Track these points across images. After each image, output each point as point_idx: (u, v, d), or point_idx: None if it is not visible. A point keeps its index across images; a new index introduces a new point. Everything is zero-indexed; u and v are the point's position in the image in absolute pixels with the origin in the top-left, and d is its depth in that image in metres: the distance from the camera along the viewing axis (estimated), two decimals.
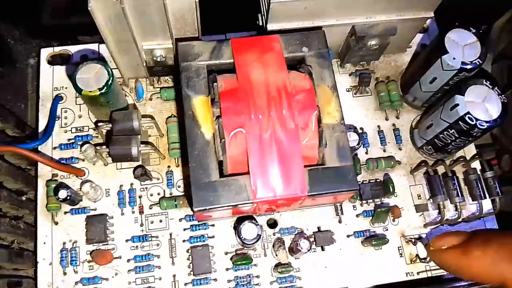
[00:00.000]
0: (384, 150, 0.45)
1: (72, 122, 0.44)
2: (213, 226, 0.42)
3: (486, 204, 0.43)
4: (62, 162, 0.43)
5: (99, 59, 0.44)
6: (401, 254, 0.42)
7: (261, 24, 0.43)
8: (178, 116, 0.44)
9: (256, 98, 0.36)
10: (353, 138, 0.43)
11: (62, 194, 0.39)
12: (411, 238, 0.43)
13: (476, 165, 0.45)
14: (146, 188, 0.43)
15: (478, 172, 0.44)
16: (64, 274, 0.40)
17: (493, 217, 0.44)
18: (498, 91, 0.39)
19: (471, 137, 0.39)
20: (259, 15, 0.43)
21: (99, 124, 0.41)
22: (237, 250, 0.41)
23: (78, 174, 0.42)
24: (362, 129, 0.46)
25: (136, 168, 0.42)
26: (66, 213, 0.41)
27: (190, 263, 0.41)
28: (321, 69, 0.39)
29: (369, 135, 0.46)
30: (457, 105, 0.38)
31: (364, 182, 0.44)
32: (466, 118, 0.38)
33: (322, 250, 0.42)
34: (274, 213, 0.42)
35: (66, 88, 0.45)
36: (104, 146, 0.40)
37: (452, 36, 0.40)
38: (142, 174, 0.41)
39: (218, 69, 0.38)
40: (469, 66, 0.39)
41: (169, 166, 0.43)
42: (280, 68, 0.37)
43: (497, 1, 0.56)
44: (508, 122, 0.39)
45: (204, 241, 0.41)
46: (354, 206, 0.43)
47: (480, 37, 0.40)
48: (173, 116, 0.44)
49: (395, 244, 0.43)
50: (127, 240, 0.41)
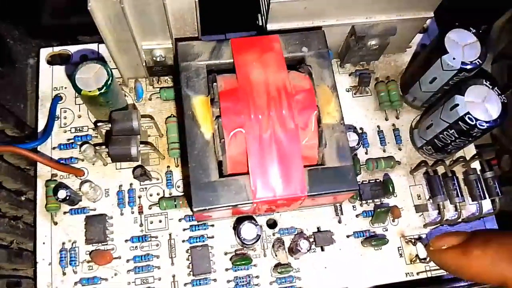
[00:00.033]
0: (384, 150, 0.45)
1: (71, 122, 0.44)
2: (212, 226, 0.42)
3: (486, 204, 0.43)
4: (61, 162, 0.43)
5: (99, 59, 0.44)
6: (400, 254, 0.42)
7: (261, 24, 0.43)
8: (178, 116, 0.44)
9: (256, 98, 0.36)
10: (352, 138, 0.43)
11: (62, 194, 0.39)
12: (411, 239, 0.43)
13: (476, 165, 0.45)
14: (145, 188, 0.43)
15: (478, 172, 0.44)
16: (63, 274, 0.40)
17: (493, 217, 0.44)
18: (498, 91, 0.39)
19: (471, 137, 0.39)
20: (259, 15, 0.43)
21: (99, 124, 0.41)
22: (236, 251, 0.41)
23: (77, 174, 0.42)
24: (362, 129, 0.46)
25: (135, 168, 0.42)
26: (65, 213, 0.41)
27: (190, 264, 0.41)
28: (321, 69, 0.38)
29: (369, 135, 0.45)
30: (457, 105, 0.38)
31: (363, 182, 0.44)
32: (466, 118, 0.38)
33: (322, 250, 0.42)
34: (274, 213, 0.42)
35: (66, 88, 0.45)
36: (103, 146, 0.40)
37: (452, 36, 0.40)
38: (141, 174, 0.41)
39: (218, 69, 0.38)
40: (469, 66, 0.39)
41: (168, 166, 0.43)
42: (280, 68, 0.37)
43: (497, 1, 0.55)
44: (508, 122, 0.39)
45: (203, 241, 0.41)
46: (353, 206, 0.43)
47: (480, 37, 0.40)
48: (172, 116, 0.44)
49: (395, 244, 0.43)
50: (127, 240, 0.41)
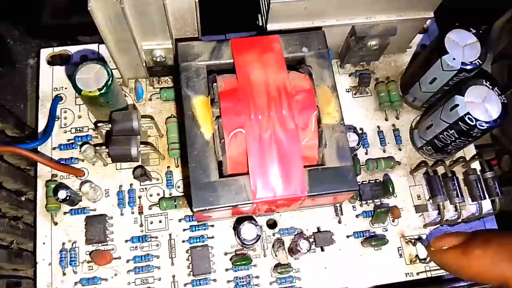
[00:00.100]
0: (384, 151, 0.45)
1: (71, 123, 0.44)
2: (212, 226, 0.42)
3: (486, 204, 0.43)
4: (61, 162, 0.43)
5: (99, 59, 0.44)
6: (400, 254, 0.42)
7: (261, 24, 0.43)
8: (178, 116, 0.44)
9: (256, 98, 0.36)
10: (352, 138, 0.43)
11: (62, 194, 0.39)
12: (411, 239, 0.43)
13: (476, 165, 0.45)
14: (145, 188, 0.43)
15: (478, 172, 0.44)
16: (63, 274, 0.40)
17: (492, 217, 0.44)
18: (498, 92, 0.39)
19: (471, 137, 0.39)
20: (259, 15, 0.43)
21: (99, 124, 0.41)
22: (236, 251, 0.41)
23: (77, 174, 0.42)
24: (362, 129, 0.46)
25: (135, 168, 0.42)
26: (65, 213, 0.41)
27: (190, 264, 0.41)
28: (321, 69, 0.38)
29: (368, 136, 0.45)
30: (457, 105, 0.38)
31: (363, 183, 0.44)
32: (466, 119, 0.38)
33: (322, 250, 0.42)
34: (274, 213, 0.42)
35: (66, 88, 0.45)
36: (103, 147, 0.40)
37: (452, 36, 0.40)
38: (141, 174, 0.41)
39: (218, 69, 0.38)
40: (469, 67, 0.39)
41: (168, 167, 0.43)
42: (280, 68, 0.37)
43: (497, 1, 0.55)
44: (508, 123, 0.39)
45: (203, 241, 0.41)
46: (353, 207, 0.43)
47: (480, 37, 0.40)
48: (172, 116, 0.44)
49: (395, 244, 0.43)
50: (127, 240, 0.41)
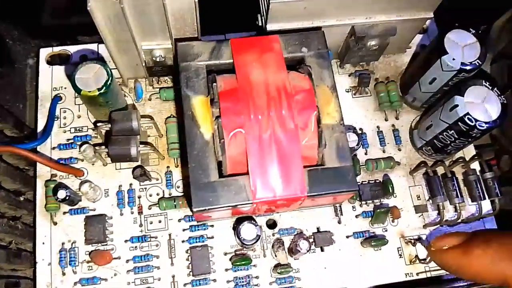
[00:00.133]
0: (383, 151, 0.45)
1: (71, 122, 0.44)
2: (212, 226, 0.42)
3: (485, 205, 0.43)
4: (61, 162, 0.42)
5: (98, 59, 0.44)
6: (400, 255, 0.42)
7: (260, 24, 0.43)
8: (178, 116, 0.44)
9: (255, 98, 0.36)
10: (352, 138, 0.43)
11: (61, 194, 0.39)
12: (411, 239, 0.43)
13: (475, 166, 0.45)
14: (145, 188, 0.43)
15: (478, 173, 0.44)
16: (63, 274, 0.40)
17: (492, 218, 0.44)
18: (498, 92, 0.39)
19: (471, 138, 0.39)
20: (259, 16, 0.43)
21: (98, 124, 0.41)
22: (236, 251, 0.41)
23: (77, 174, 0.42)
24: (361, 129, 0.46)
25: (135, 168, 0.42)
26: (65, 213, 0.41)
27: (189, 264, 0.41)
28: (320, 69, 0.38)
29: (368, 136, 0.45)
30: (456, 106, 0.38)
31: (363, 183, 0.44)
32: (466, 119, 0.38)
33: (322, 250, 0.42)
34: (274, 213, 0.42)
35: (65, 88, 0.45)
36: (103, 146, 0.40)
37: (451, 36, 0.40)
38: (141, 174, 0.41)
39: (218, 69, 0.38)
40: (468, 67, 0.39)
41: (168, 167, 0.43)
42: (279, 68, 0.37)
43: (497, 1, 0.55)
44: (507, 123, 0.39)
45: (203, 241, 0.41)
46: (353, 207, 0.43)
47: (479, 37, 0.40)
48: (172, 116, 0.44)
49: (395, 245, 0.43)
50: (126, 240, 0.41)
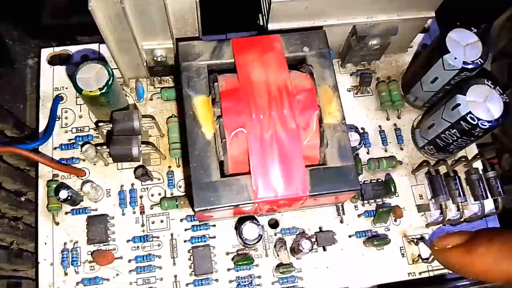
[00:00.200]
0: (385, 150, 0.45)
1: (72, 122, 0.44)
2: (214, 226, 0.42)
3: (488, 204, 0.43)
4: (62, 162, 0.42)
5: (100, 59, 0.44)
6: (403, 254, 0.42)
7: (261, 24, 0.42)
8: (179, 116, 0.44)
9: (257, 98, 0.36)
10: (354, 138, 0.43)
11: (63, 194, 0.39)
12: (413, 238, 0.43)
13: (478, 165, 0.45)
14: (147, 188, 0.42)
15: (480, 172, 0.44)
16: (65, 274, 0.40)
17: (495, 217, 0.44)
18: (500, 91, 0.39)
19: (473, 137, 0.39)
20: (260, 15, 0.43)
21: (100, 124, 0.41)
22: (238, 251, 0.41)
23: (78, 174, 0.42)
24: (363, 129, 0.46)
25: (137, 168, 0.42)
26: (67, 213, 0.41)
27: (191, 264, 0.41)
28: (322, 69, 0.38)
29: (370, 135, 0.45)
30: (458, 104, 0.38)
31: (365, 182, 0.44)
32: (468, 118, 0.38)
33: (324, 250, 0.42)
34: (276, 213, 0.42)
35: (67, 88, 0.45)
36: (104, 146, 0.40)
37: (453, 35, 0.39)
38: (143, 174, 0.41)
39: (219, 69, 0.38)
40: (470, 66, 0.39)
41: (170, 166, 0.43)
42: (281, 68, 0.37)
43: (498, 0, 0.55)
44: (508, 121, 0.39)
45: (205, 241, 0.41)
46: (355, 206, 0.43)
47: (481, 36, 0.40)
48: (173, 116, 0.44)
49: (397, 244, 0.43)
50: (128, 240, 0.41)
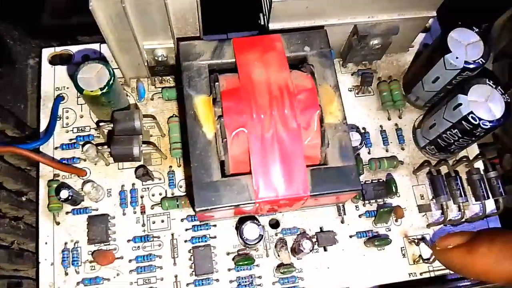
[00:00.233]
0: (386, 150, 0.45)
1: (73, 122, 0.44)
2: (215, 226, 0.42)
3: (489, 204, 0.43)
4: (63, 162, 0.42)
5: (101, 59, 0.44)
6: (404, 254, 0.42)
7: (262, 23, 0.42)
8: (180, 116, 0.44)
9: (258, 97, 0.36)
10: (355, 138, 0.43)
11: (64, 194, 0.39)
12: (414, 239, 0.43)
13: (479, 165, 0.45)
14: (147, 188, 0.42)
15: (481, 172, 0.44)
16: (65, 274, 0.40)
17: (496, 217, 0.44)
18: (502, 91, 0.39)
19: (474, 137, 0.39)
20: (261, 15, 0.43)
21: (101, 124, 0.41)
22: (239, 251, 0.41)
23: (79, 174, 0.42)
24: (364, 129, 0.46)
25: (137, 168, 0.42)
26: (67, 213, 0.41)
27: (192, 264, 0.41)
28: (323, 68, 0.38)
29: (371, 135, 0.45)
30: (460, 104, 0.38)
31: (366, 182, 0.43)
32: (469, 118, 0.38)
33: (325, 250, 0.42)
34: (276, 213, 0.42)
35: (68, 88, 0.45)
36: (105, 146, 0.40)
37: (454, 35, 0.39)
38: (143, 174, 0.41)
39: (220, 68, 0.38)
40: (472, 66, 0.39)
41: (170, 166, 0.43)
42: (282, 67, 0.37)
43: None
44: (510, 121, 0.39)
45: (206, 241, 0.41)
46: (356, 207, 0.43)
47: (482, 36, 0.40)
48: (174, 116, 0.44)
49: (398, 244, 0.42)
50: (129, 240, 0.41)
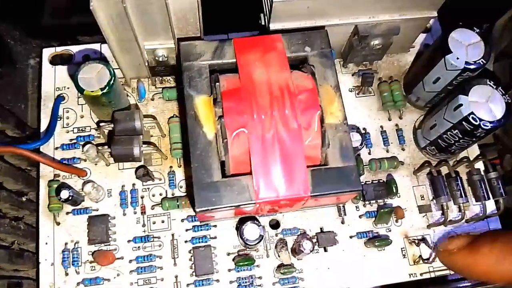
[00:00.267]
0: (387, 151, 0.45)
1: (74, 122, 0.44)
2: (215, 226, 0.42)
3: (490, 205, 0.43)
4: (63, 162, 0.42)
5: (101, 59, 0.44)
6: (404, 255, 0.42)
7: (263, 23, 0.42)
8: (180, 116, 0.44)
9: (258, 97, 0.36)
10: (356, 138, 0.43)
11: (64, 194, 0.39)
12: (414, 239, 0.43)
13: (479, 165, 0.45)
14: (148, 188, 0.42)
15: (482, 172, 0.44)
16: (66, 274, 0.40)
17: (496, 218, 0.44)
18: (502, 91, 0.39)
19: (475, 137, 0.39)
20: (262, 15, 0.43)
21: (101, 124, 0.41)
22: (239, 251, 0.41)
23: (80, 174, 0.42)
24: (365, 129, 0.46)
25: (138, 168, 0.42)
26: (68, 213, 0.41)
27: (192, 264, 0.40)
28: (323, 68, 0.38)
29: (372, 136, 0.45)
30: (460, 105, 0.38)
31: (367, 183, 0.43)
32: (470, 119, 0.38)
33: (325, 251, 0.42)
34: (277, 213, 0.42)
35: (68, 88, 0.45)
36: (106, 146, 0.40)
37: (455, 35, 0.39)
38: (144, 174, 0.41)
39: (221, 68, 0.38)
40: (472, 66, 0.39)
41: (171, 167, 0.43)
42: (282, 67, 0.37)
43: (500, 0, 0.55)
44: (510, 122, 0.39)
45: (206, 241, 0.41)
46: (357, 207, 0.43)
47: (483, 36, 0.40)
48: (175, 116, 0.44)
49: (398, 245, 0.42)
50: (129, 240, 0.41)
